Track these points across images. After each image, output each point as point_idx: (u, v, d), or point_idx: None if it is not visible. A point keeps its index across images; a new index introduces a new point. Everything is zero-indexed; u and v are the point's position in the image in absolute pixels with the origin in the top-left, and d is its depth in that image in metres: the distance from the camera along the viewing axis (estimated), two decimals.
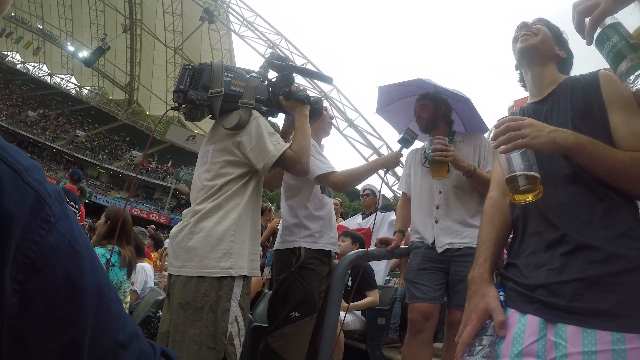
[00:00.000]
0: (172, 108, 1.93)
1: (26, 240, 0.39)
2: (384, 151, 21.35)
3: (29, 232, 0.40)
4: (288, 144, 1.86)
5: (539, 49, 1.41)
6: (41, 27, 43.21)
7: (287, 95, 1.97)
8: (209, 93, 1.83)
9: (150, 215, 32.93)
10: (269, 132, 1.84)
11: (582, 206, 1.14)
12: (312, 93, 2.09)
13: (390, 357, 3.94)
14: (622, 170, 1.09)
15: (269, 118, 2.03)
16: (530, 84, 1.45)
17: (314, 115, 2.07)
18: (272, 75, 2.07)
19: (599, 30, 0.97)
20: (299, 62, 20.43)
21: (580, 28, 1.02)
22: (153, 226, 11.06)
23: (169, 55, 37.20)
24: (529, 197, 1.14)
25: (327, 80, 2.10)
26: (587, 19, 0.99)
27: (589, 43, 1.02)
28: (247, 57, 29.71)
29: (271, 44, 22.43)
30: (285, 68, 2.04)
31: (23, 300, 0.39)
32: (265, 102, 1.96)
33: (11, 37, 42.43)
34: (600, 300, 1.00)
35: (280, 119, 2.25)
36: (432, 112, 2.61)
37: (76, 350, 0.43)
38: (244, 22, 23.07)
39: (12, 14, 41.63)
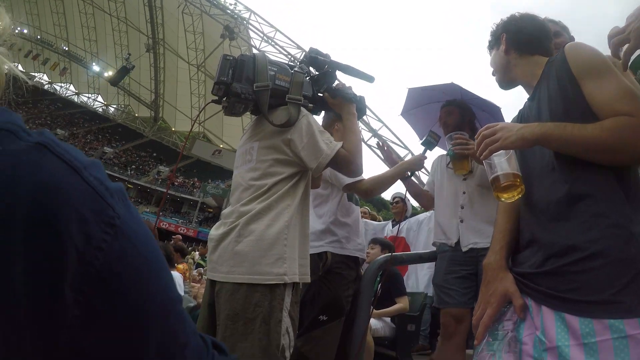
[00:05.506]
0: (212, 101, 1.80)
1: (90, 246, 0.36)
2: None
3: (93, 238, 0.36)
4: (340, 143, 1.75)
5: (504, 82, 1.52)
6: (67, 48, 44.26)
7: (334, 92, 1.87)
8: (254, 87, 1.70)
9: (179, 229, 33.31)
10: (319, 130, 1.74)
11: (550, 203, 1.20)
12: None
13: None
14: (595, 143, 1.11)
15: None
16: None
17: (358, 113, 1.96)
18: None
19: (634, 56, 1.06)
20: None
21: (616, 54, 1.11)
22: (179, 236, 11.18)
23: (192, 72, 37.82)
24: (513, 195, 1.24)
25: (369, 79, 1.98)
26: (622, 49, 1.08)
27: (624, 69, 1.10)
28: None
29: (292, 58, 22.67)
30: (329, 64, 1.91)
31: (86, 312, 0.36)
32: (310, 99, 1.85)
33: (38, 59, 43.26)
34: (559, 290, 1.09)
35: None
36: (459, 118, 2.63)
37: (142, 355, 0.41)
38: (264, 37, 23.45)
39: (38, 37, 42.80)
